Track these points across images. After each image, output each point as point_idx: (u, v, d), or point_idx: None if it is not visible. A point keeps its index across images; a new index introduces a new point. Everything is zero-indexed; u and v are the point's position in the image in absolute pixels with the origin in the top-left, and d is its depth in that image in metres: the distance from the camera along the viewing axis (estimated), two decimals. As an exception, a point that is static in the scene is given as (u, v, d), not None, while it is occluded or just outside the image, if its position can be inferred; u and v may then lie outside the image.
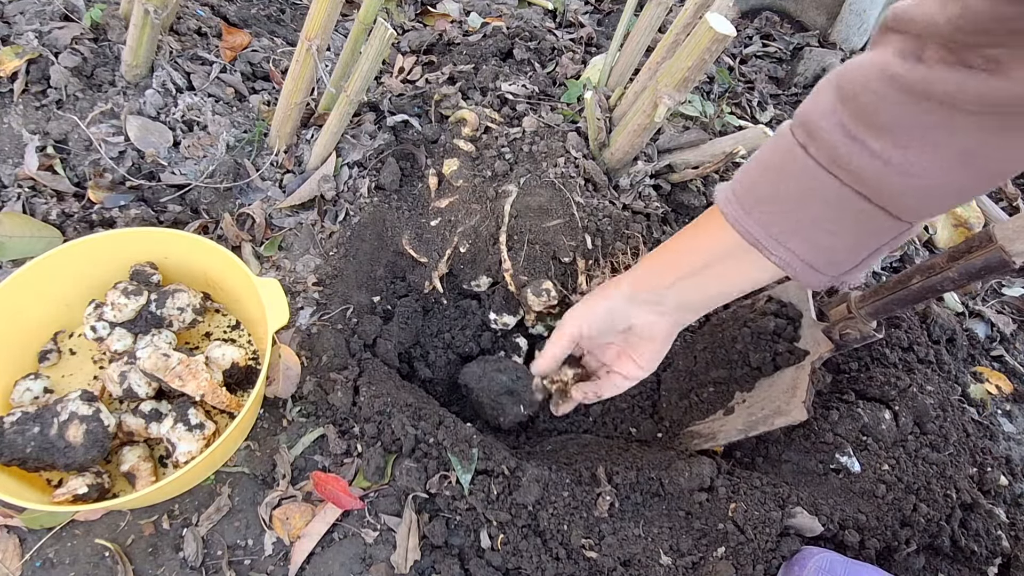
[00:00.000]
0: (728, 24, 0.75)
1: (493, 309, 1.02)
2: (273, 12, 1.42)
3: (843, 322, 0.80)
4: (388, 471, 0.81)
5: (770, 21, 1.77)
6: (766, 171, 0.59)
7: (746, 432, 0.82)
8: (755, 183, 0.59)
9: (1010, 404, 1.05)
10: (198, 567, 0.74)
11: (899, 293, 0.73)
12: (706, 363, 0.93)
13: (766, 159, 0.59)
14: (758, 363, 0.87)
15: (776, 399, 0.82)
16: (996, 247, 0.63)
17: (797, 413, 0.77)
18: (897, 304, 0.74)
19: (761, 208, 0.58)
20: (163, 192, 1.01)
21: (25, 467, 0.71)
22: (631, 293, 0.71)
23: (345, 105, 1.00)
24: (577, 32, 1.49)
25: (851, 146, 0.50)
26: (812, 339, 0.85)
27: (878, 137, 0.49)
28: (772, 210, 0.58)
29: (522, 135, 1.06)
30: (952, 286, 0.69)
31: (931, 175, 0.49)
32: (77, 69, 1.03)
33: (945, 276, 0.68)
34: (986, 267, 0.65)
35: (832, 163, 0.52)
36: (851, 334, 0.79)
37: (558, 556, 0.76)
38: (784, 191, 0.57)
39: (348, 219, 1.05)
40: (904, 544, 0.80)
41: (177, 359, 0.76)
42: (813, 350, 0.83)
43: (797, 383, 0.81)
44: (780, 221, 0.57)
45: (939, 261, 0.69)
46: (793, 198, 0.56)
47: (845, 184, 0.52)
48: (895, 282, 0.74)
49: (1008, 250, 0.62)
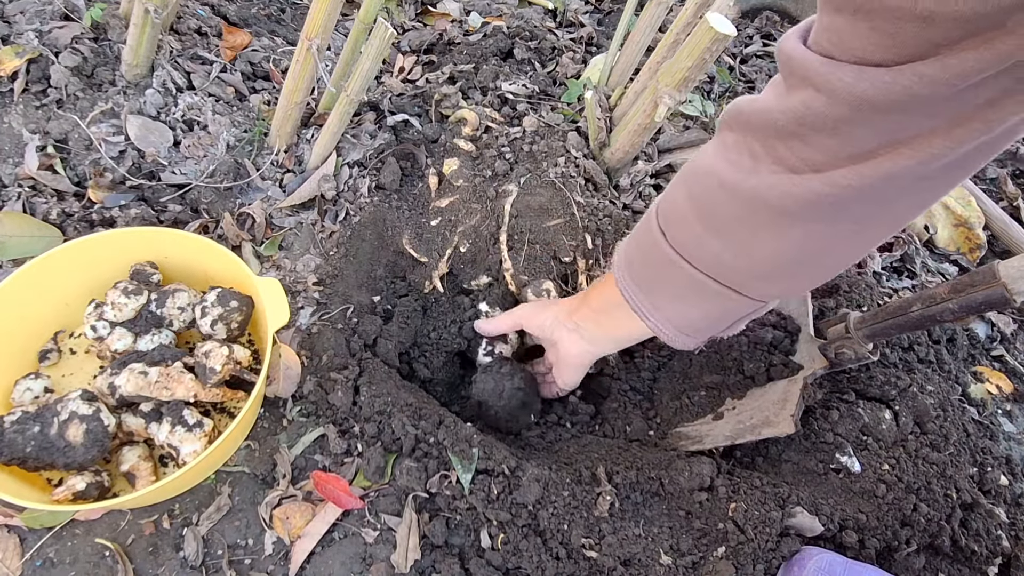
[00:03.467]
0: (728, 24, 0.75)
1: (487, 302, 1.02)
2: (273, 12, 1.42)
3: (840, 341, 0.81)
4: (388, 471, 0.81)
5: (770, 21, 1.76)
6: (639, 248, 0.65)
7: (733, 439, 0.82)
8: (633, 256, 0.66)
9: (1010, 404, 1.05)
10: (198, 567, 0.74)
11: (898, 319, 0.74)
12: (700, 367, 0.93)
13: (639, 238, 0.65)
14: (752, 372, 0.87)
15: (766, 409, 0.82)
16: (999, 284, 0.63)
17: (785, 426, 0.77)
18: (895, 330, 0.75)
19: (638, 277, 0.65)
20: (163, 192, 1.01)
21: (25, 467, 0.71)
22: (565, 316, 0.81)
23: (345, 105, 1.00)
24: (577, 32, 1.49)
25: (699, 240, 0.56)
26: (808, 355, 0.85)
27: (719, 236, 0.55)
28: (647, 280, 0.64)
29: (522, 135, 1.06)
30: (951, 317, 0.69)
31: (772, 268, 0.54)
32: (77, 69, 1.03)
33: (945, 307, 0.69)
34: (986, 303, 0.65)
35: (684, 251, 0.58)
36: (847, 354, 0.80)
37: (558, 556, 0.76)
38: (653, 269, 0.63)
39: (348, 219, 1.05)
40: (904, 544, 0.80)
41: (156, 372, 0.76)
42: (808, 365, 0.84)
43: (788, 396, 0.81)
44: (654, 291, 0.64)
45: (941, 291, 0.70)
46: (660, 276, 0.62)
47: (698, 270, 0.58)
48: (895, 307, 0.75)
49: (1011, 288, 0.63)
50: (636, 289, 0.65)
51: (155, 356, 0.79)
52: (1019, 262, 0.64)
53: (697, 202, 0.55)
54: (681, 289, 0.61)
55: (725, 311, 0.62)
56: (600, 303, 0.75)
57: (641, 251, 0.64)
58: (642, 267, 0.64)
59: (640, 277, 0.65)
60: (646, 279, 0.64)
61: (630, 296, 0.66)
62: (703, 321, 0.64)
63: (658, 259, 0.61)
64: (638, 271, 0.65)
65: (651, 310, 0.65)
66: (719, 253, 0.55)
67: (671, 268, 0.59)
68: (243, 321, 0.84)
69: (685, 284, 0.60)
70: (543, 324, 0.85)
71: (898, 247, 1.25)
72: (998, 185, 1.42)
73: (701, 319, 0.64)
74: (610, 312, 0.73)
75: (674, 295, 0.62)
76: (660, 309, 0.64)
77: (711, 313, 0.63)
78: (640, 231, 0.65)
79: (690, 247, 0.57)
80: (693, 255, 0.57)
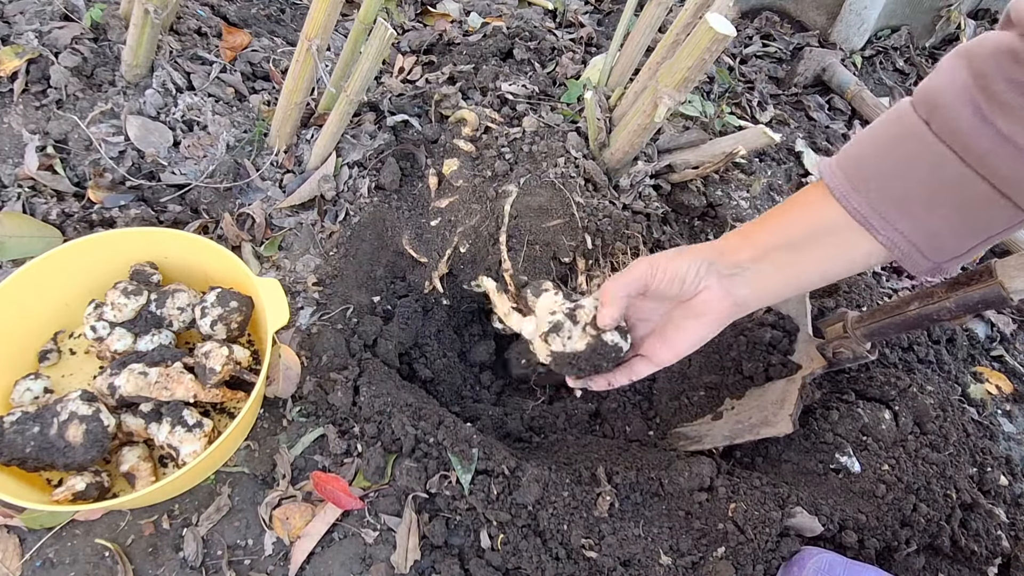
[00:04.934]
0: (728, 24, 0.75)
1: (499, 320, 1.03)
2: (273, 12, 1.42)
3: (838, 340, 0.81)
4: (388, 471, 0.81)
5: (770, 21, 1.76)
6: (880, 147, 0.54)
7: (731, 439, 0.82)
8: (866, 158, 0.55)
9: (1010, 404, 1.05)
10: (198, 567, 0.74)
11: (896, 318, 0.74)
12: (700, 367, 0.94)
13: (880, 134, 0.55)
14: (750, 372, 0.87)
15: (764, 409, 0.83)
16: (995, 283, 0.64)
17: (783, 426, 0.77)
18: (893, 329, 0.75)
19: (871, 184, 0.54)
20: (163, 192, 1.01)
21: (25, 467, 0.71)
22: (711, 261, 0.63)
23: (345, 105, 1.00)
24: (577, 32, 1.49)
25: (980, 126, 0.47)
26: (806, 354, 0.85)
27: (1011, 119, 0.46)
28: (883, 187, 0.54)
29: (522, 135, 1.06)
30: (948, 316, 0.69)
31: None
32: (77, 69, 1.03)
33: (942, 306, 0.69)
34: (983, 301, 0.65)
35: (956, 141, 0.49)
36: (844, 353, 0.80)
37: (558, 556, 0.76)
38: (898, 169, 0.53)
39: (348, 219, 1.05)
40: (904, 544, 0.80)
41: (156, 373, 0.76)
42: (806, 365, 0.84)
43: (786, 396, 0.82)
44: (890, 200, 0.53)
45: (938, 290, 0.70)
46: (907, 176, 0.52)
47: (968, 165, 0.49)
48: (892, 306, 0.75)
49: (1007, 287, 0.63)
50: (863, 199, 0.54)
51: (155, 356, 0.79)
52: (1016, 261, 0.64)
53: (984, 81, 0.47)
54: (937, 190, 0.51)
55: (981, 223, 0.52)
56: (789, 234, 0.60)
57: (884, 150, 0.54)
58: (883, 170, 0.53)
59: (876, 183, 0.54)
60: (884, 185, 0.53)
61: (854, 206, 0.54)
62: (949, 237, 0.53)
63: (913, 155, 0.51)
64: (876, 175, 0.54)
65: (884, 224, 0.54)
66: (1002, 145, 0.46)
67: (930, 166, 0.50)
68: (243, 321, 0.84)
69: (947, 183, 0.50)
70: (689, 271, 0.63)
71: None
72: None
73: (949, 233, 0.53)
74: (807, 244, 0.59)
75: (925, 201, 0.52)
76: (899, 220, 0.53)
77: (960, 226, 0.52)
78: (879, 130, 0.55)
79: (965, 136, 0.48)
80: (968, 146, 0.48)
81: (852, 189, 0.55)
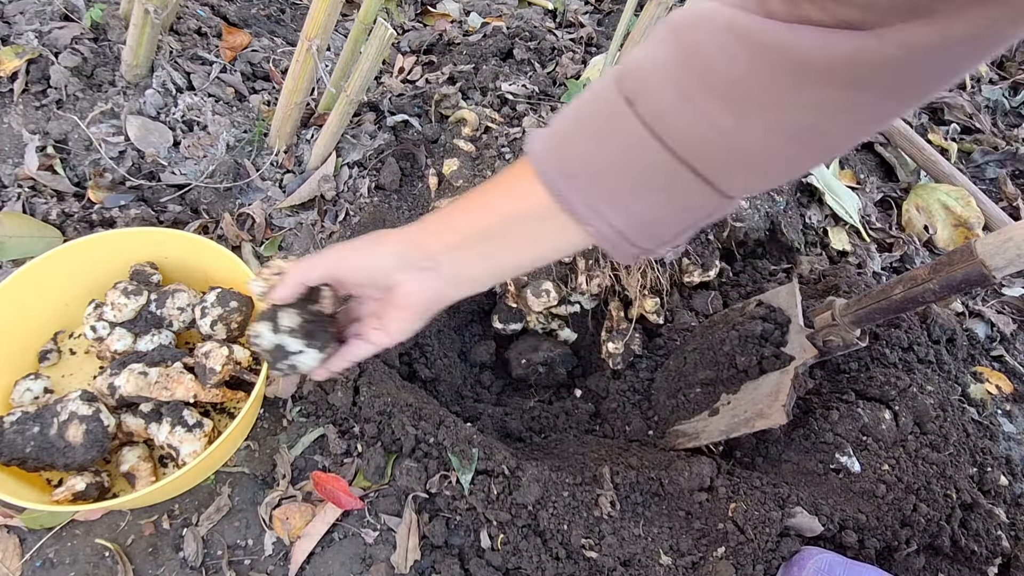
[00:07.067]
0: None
1: (500, 320, 1.03)
2: (273, 12, 1.42)
3: (827, 329, 0.80)
4: (388, 471, 0.81)
5: (770, 21, 1.76)
6: (584, 126, 0.51)
7: (728, 433, 0.82)
8: (571, 138, 0.51)
9: (1010, 404, 1.05)
10: (198, 567, 0.74)
11: (882, 303, 0.74)
12: (695, 364, 0.93)
13: (586, 113, 0.51)
14: (744, 366, 0.87)
15: (759, 402, 0.82)
16: (976, 261, 0.64)
17: (777, 416, 0.77)
18: (880, 314, 0.75)
19: (576, 168, 0.50)
20: (163, 192, 1.01)
21: (25, 467, 0.71)
22: (403, 253, 0.60)
23: (345, 105, 1.00)
24: (577, 32, 1.49)
25: (682, 107, 0.44)
26: (798, 345, 0.85)
27: (713, 99, 0.43)
28: (588, 172, 0.50)
29: (522, 135, 1.06)
30: (933, 298, 0.69)
31: (763, 148, 0.44)
32: (77, 69, 1.03)
33: (927, 287, 0.69)
34: (966, 280, 0.65)
35: (658, 124, 0.46)
36: (834, 341, 0.80)
37: (558, 556, 0.76)
38: (602, 152, 0.49)
39: (348, 219, 1.05)
40: (904, 544, 0.80)
41: (156, 373, 0.76)
42: (799, 356, 0.84)
43: (780, 387, 0.81)
44: (596, 186, 0.50)
45: (921, 273, 0.70)
46: (611, 161, 0.49)
47: (668, 149, 0.46)
48: (878, 292, 0.75)
49: (988, 264, 0.63)
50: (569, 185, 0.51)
51: (155, 356, 0.79)
52: (995, 239, 0.64)
53: (695, 58, 0.44)
54: (641, 177, 0.48)
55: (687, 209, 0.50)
56: (485, 223, 0.57)
57: (588, 131, 0.50)
58: (587, 152, 0.50)
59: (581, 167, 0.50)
60: (589, 168, 0.50)
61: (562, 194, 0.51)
62: (656, 224, 0.51)
63: (616, 138, 0.48)
64: (581, 158, 0.50)
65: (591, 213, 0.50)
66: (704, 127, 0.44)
67: (633, 150, 0.47)
68: (243, 321, 0.84)
69: (650, 169, 0.48)
70: (377, 267, 0.61)
71: (898, 247, 1.25)
72: (998, 185, 1.42)
73: (656, 220, 0.51)
74: (512, 232, 0.56)
75: (630, 188, 0.49)
76: (605, 208, 0.50)
77: (666, 213, 0.50)
78: (585, 106, 0.51)
79: (669, 120, 0.45)
80: (671, 130, 0.45)
81: (559, 173, 0.51)
